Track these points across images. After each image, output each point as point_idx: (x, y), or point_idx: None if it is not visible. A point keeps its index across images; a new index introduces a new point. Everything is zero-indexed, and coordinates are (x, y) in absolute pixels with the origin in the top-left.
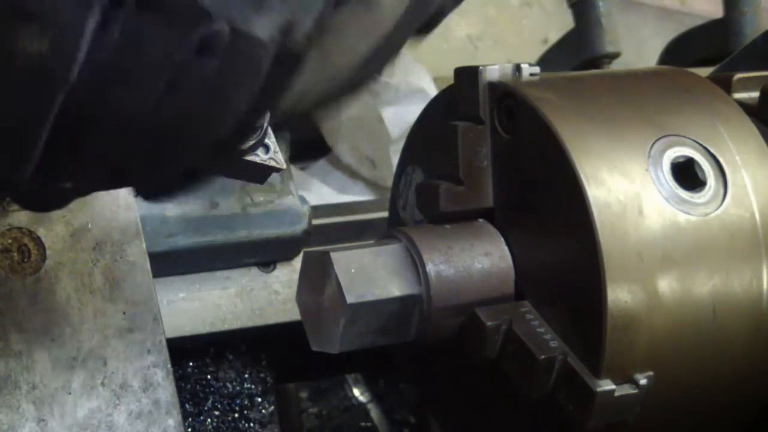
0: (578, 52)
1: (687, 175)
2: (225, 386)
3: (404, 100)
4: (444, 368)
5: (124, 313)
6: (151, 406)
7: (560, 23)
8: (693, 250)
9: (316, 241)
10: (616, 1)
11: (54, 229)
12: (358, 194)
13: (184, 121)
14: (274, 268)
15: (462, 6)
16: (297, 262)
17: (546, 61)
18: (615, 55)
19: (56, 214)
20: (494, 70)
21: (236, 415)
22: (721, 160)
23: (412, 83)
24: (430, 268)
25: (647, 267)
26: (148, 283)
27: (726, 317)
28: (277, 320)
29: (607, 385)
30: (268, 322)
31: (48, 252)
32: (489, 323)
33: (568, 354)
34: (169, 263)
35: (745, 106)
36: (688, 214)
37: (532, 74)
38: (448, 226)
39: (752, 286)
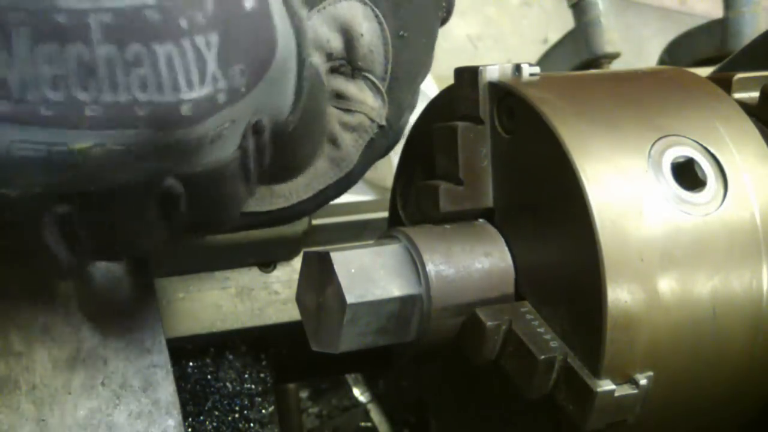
0: (578, 52)
1: (687, 175)
2: (225, 386)
3: None
4: (444, 368)
5: (125, 313)
6: (151, 406)
7: (560, 23)
8: (693, 250)
9: (316, 241)
10: (616, 1)
11: None
12: (358, 194)
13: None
14: (274, 268)
15: (462, 6)
16: (297, 262)
17: (546, 61)
18: (615, 55)
19: None
20: (494, 70)
21: (236, 415)
22: (721, 160)
23: None
24: (430, 268)
25: (647, 267)
26: (148, 283)
27: (726, 317)
28: (277, 320)
29: (607, 385)
30: (268, 322)
31: None
32: (489, 323)
33: (568, 354)
34: (170, 263)
35: (745, 106)
36: (688, 214)
37: (532, 74)
38: (448, 226)
39: (752, 286)
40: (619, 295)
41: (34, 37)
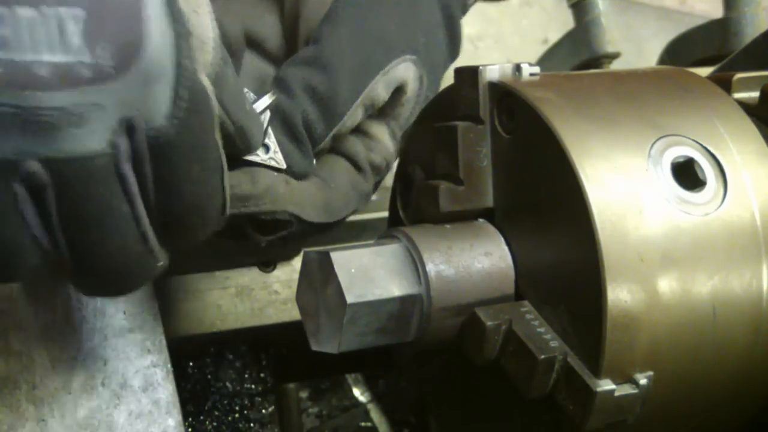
0: (578, 52)
1: (687, 175)
2: (225, 386)
3: None
4: (444, 368)
5: (124, 313)
6: (151, 406)
7: (560, 23)
8: (693, 249)
9: (316, 241)
10: (616, 1)
11: None
12: None
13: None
14: (274, 268)
15: None
16: (297, 262)
17: (546, 61)
18: (615, 55)
19: None
20: (494, 70)
21: (236, 415)
22: (721, 160)
23: None
24: (430, 268)
25: (647, 267)
26: (148, 283)
27: (726, 317)
28: (277, 320)
29: (607, 385)
30: (267, 322)
31: None
32: (489, 323)
33: (568, 354)
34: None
35: (745, 106)
36: (688, 214)
37: (532, 74)
38: (448, 226)
39: (752, 286)
40: (619, 295)
41: None
